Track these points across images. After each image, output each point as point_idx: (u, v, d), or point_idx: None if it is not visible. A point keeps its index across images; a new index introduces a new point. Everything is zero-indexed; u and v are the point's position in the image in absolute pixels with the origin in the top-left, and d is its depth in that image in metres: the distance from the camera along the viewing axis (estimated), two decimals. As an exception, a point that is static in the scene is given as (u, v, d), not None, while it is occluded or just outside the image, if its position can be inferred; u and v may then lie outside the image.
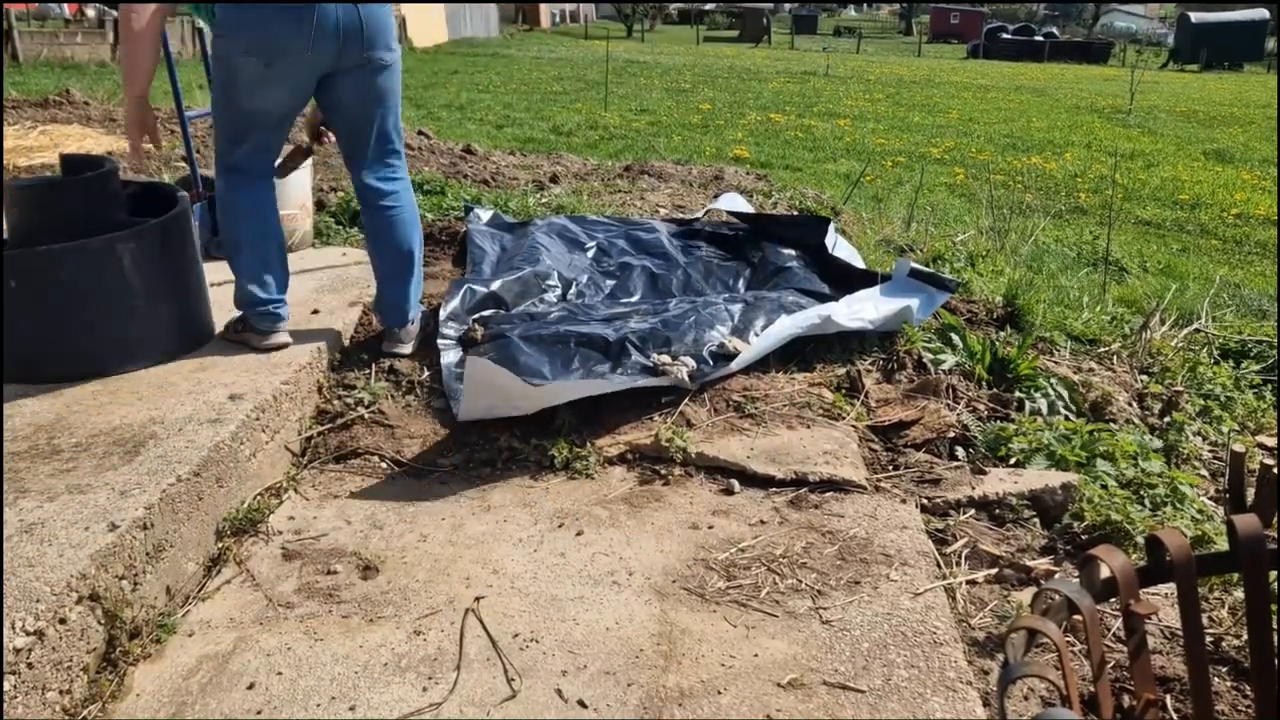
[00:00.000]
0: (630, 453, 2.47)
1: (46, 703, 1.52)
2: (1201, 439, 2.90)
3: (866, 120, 13.23)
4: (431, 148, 6.66)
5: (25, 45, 14.96)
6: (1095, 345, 3.51)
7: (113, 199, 2.55)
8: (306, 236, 3.81)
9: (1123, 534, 2.18)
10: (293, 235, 3.68)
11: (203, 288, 2.73)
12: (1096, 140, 12.38)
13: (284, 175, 3.08)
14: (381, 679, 1.67)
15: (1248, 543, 1.13)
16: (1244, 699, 1.72)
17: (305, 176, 3.73)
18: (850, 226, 5.04)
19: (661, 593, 1.92)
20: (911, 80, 21.59)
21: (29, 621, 1.49)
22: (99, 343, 2.41)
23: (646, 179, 6.09)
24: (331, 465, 2.45)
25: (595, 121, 10.92)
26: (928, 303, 3.24)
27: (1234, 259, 6.59)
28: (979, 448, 2.64)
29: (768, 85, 18.07)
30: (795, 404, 2.72)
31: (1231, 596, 2.02)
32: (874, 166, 8.90)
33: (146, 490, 1.86)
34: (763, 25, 43.29)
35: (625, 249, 3.86)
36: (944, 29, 50.87)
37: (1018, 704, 1.69)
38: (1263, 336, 3.80)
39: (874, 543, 2.10)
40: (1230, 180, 9.73)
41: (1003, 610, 1.93)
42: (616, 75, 16.85)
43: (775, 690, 1.64)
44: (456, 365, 2.79)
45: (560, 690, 1.64)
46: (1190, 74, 31.56)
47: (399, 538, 2.12)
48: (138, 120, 2.47)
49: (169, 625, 1.79)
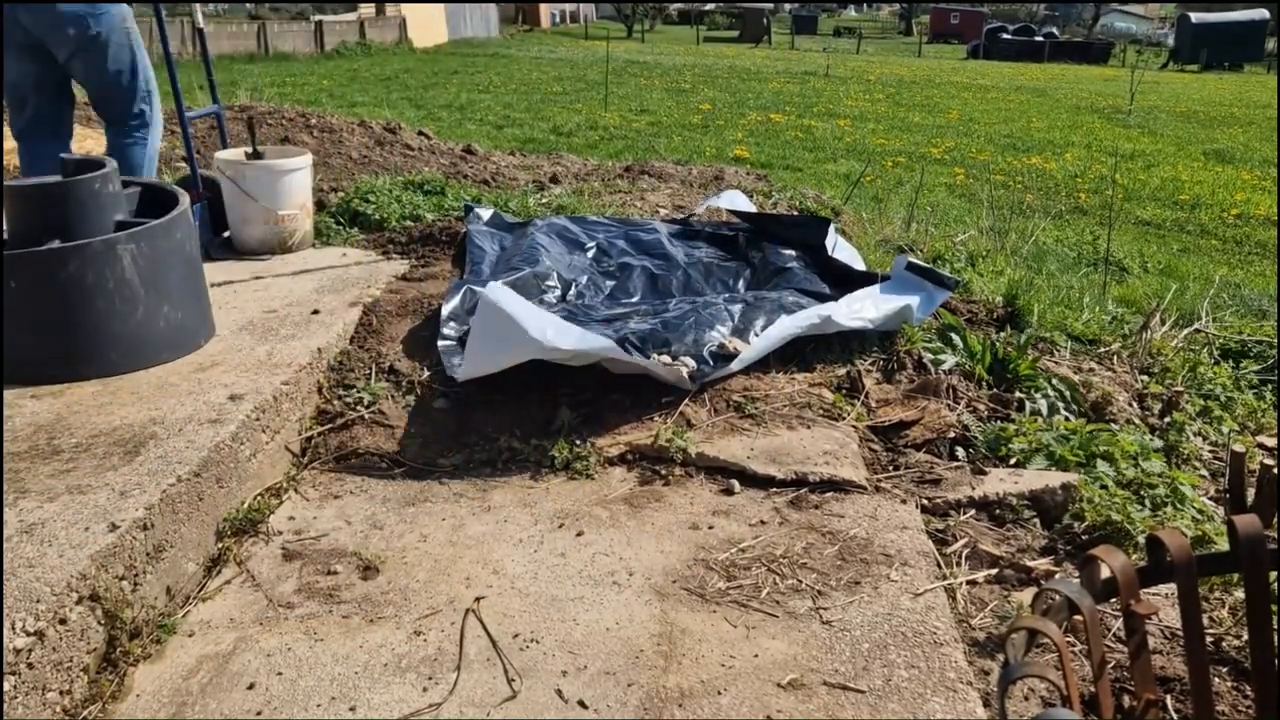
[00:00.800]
0: (630, 453, 2.47)
1: (47, 703, 1.52)
2: (1201, 439, 2.90)
3: (866, 120, 13.24)
4: (432, 148, 6.66)
5: (25, 46, 14.94)
6: (1095, 345, 3.51)
7: (113, 199, 2.55)
8: (307, 237, 3.79)
9: (1123, 534, 2.18)
10: (293, 235, 3.69)
11: (203, 288, 2.73)
12: (1096, 140, 12.39)
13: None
14: (381, 679, 1.67)
15: (1248, 543, 1.12)
16: (1244, 699, 1.72)
17: (305, 177, 3.74)
18: (850, 227, 5.04)
19: (662, 593, 1.92)
20: (911, 80, 21.59)
21: (29, 622, 1.49)
22: (99, 343, 2.41)
23: (646, 179, 6.09)
24: (331, 465, 2.45)
25: (595, 122, 10.92)
26: (928, 302, 3.23)
27: (1234, 259, 6.59)
28: (979, 448, 2.64)
29: (768, 85, 18.07)
30: (795, 404, 2.72)
31: (1232, 596, 2.02)
32: (874, 167, 8.90)
33: (147, 490, 1.86)
34: (763, 25, 43.29)
35: (625, 249, 3.86)
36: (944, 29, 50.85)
37: (1018, 704, 1.69)
38: (1263, 336, 3.80)
39: (874, 543, 2.10)
40: (1230, 180, 9.74)
41: (1003, 610, 1.93)
42: (616, 75, 16.86)
43: (775, 690, 1.64)
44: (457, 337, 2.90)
45: (560, 690, 1.64)
46: (1190, 74, 31.57)
47: (399, 538, 2.12)
48: None
49: (169, 625, 1.79)
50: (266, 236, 3.64)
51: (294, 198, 3.65)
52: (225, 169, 3.59)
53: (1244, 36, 35.24)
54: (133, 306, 2.44)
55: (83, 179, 2.50)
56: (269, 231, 3.63)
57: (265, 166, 3.63)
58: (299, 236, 3.73)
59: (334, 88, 13.97)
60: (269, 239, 3.64)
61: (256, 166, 3.62)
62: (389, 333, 3.02)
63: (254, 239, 3.65)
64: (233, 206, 3.63)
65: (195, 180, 3.66)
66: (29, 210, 2.46)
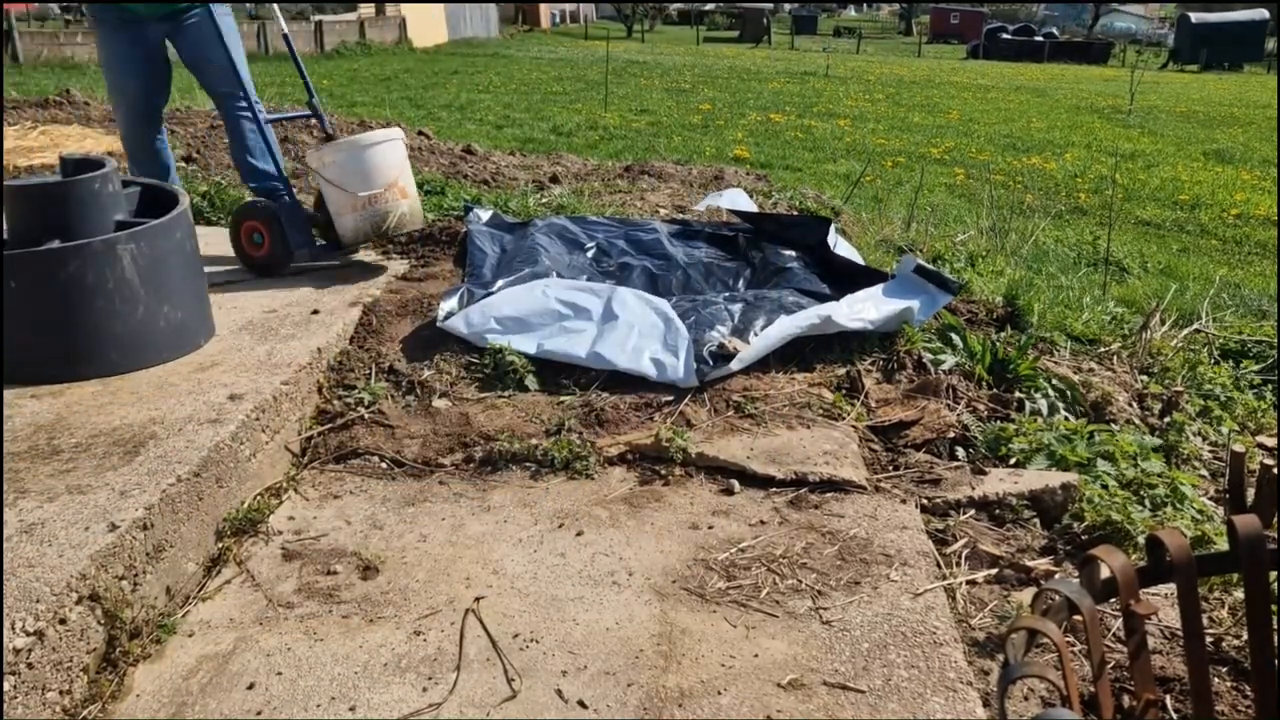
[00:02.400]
0: (630, 453, 2.47)
1: (46, 703, 1.52)
2: (1201, 439, 2.90)
3: (866, 120, 13.24)
4: (431, 148, 6.66)
5: (25, 45, 14.97)
6: (1095, 345, 3.51)
7: (113, 199, 2.55)
8: (405, 219, 3.41)
9: (1123, 534, 2.18)
10: (386, 219, 3.35)
11: (203, 288, 2.73)
12: (1096, 140, 12.39)
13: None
14: (381, 679, 1.67)
15: (1248, 543, 1.13)
16: (1244, 699, 1.72)
17: (391, 152, 3.36)
18: (850, 227, 5.04)
19: (661, 593, 1.92)
20: (911, 80, 21.59)
21: (29, 622, 1.49)
22: (99, 343, 2.41)
23: (646, 179, 6.09)
24: (331, 465, 2.45)
25: (595, 122, 10.92)
26: (929, 304, 3.23)
27: (1234, 259, 6.59)
28: (979, 448, 2.64)
29: (768, 85, 18.07)
30: (795, 404, 2.72)
31: (1231, 596, 2.02)
32: (874, 167, 8.90)
33: (146, 490, 1.86)
34: (763, 25, 43.26)
35: (625, 249, 3.86)
36: (944, 29, 50.84)
37: (1018, 704, 1.69)
38: (1262, 336, 3.80)
39: (874, 543, 2.10)
40: (1230, 180, 9.74)
41: (1003, 610, 1.93)
42: (616, 75, 16.86)
43: (775, 690, 1.64)
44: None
45: (560, 691, 1.64)
46: (1190, 74, 31.57)
47: (399, 538, 2.12)
48: None
49: (169, 625, 1.79)
50: (360, 224, 3.32)
51: (379, 175, 3.30)
52: (311, 163, 3.36)
53: (1244, 36, 35.24)
54: (132, 306, 2.44)
55: (83, 179, 2.50)
56: (360, 219, 3.31)
57: (339, 146, 3.30)
58: (395, 219, 3.35)
59: (334, 88, 13.96)
60: (362, 226, 3.32)
61: (331, 149, 3.29)
62: (389, 333, 3.02)
63: (349, 230, 3.34)
64: (329, 203, 3.37)
65: (281, 181, 3.55)
66: (29, 210, 2.46)
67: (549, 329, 2.95)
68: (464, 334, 2.94)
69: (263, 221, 3.37)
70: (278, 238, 3.36)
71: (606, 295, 3.08)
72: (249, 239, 3.41)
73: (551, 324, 2.97)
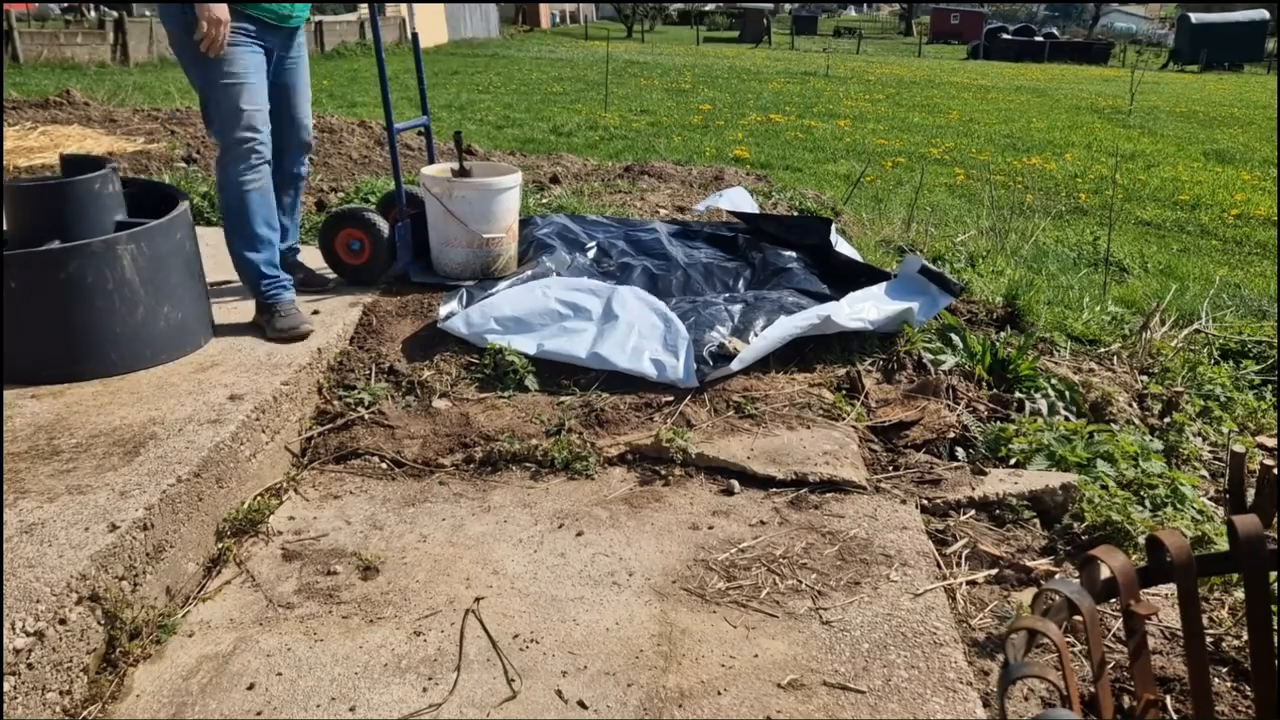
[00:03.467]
0: (630, 453, 2.47)
1: (46, 703, 1.52)
2: (1201, 439, 2.90)
3: (866, 121, 13.24)
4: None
5: (25, 46, 14.98)
6: (1095, 345, 3.51)
7: (113, 199, 2.55)
8: (511, 262, 3.45)
9: (1123, 534, 2.18)
10: (496, 261, 3.38)
11: (203, 288, 2.73)
12: (1097, 141, 12.38)
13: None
14: (381, 680, 1.67)
15: (1248, 543, 1.13)
16: (1244, 699, 1.72)
17: (515, 197, 3.40)
18: (850, 227, 5.04)
19: (661, 593, 1.92)
20: (911, 81, 21.59)
21: (29, 622, 1.49)
22: (99, 343, 2.41)
23: (646, 179, 6.09)
24: (331, 466, 2.45)
25: (595, 122, 10.92)
26: (929, 305, 3.23)
27: (1234, 259, 6.59)
28: (979, 448, 2.64)
29: (768, 86, 18.07)
30: (795, 404, 2.72)
31: (1231, 597, 2.02)
32: (874, 167, 8.90)
33: (146, 491, 1.86)
34: (763, 26, 43.26)
35: (625, 249, 3.86)
36: (944, 29, 50.83)
37: (1018, 704, 1.69)
38: (1262, 337, 3.80)
39: (874, 543, 2.10)
40: (1230, 181, 9.73)
41: (1003, 611, 1.93)
42: (616, 76, 16.86)
43: (775, 691, 1.64)
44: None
45: (560, 691, 1.64)
46: (1190, 74, 31.57)
47: (399, 538, 2.12)
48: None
49: (169, 626, 1.79)
50: (469, 260, 3.33)
51: (502, 220, 3.33)
52: (431, 186, 3.29)
53: (1244, 37, 35.23)
54: (132, 306, 2.44)
55: (83, 179, 2.50)
56: (472, 255, 3.32)
57: (474, 185, 3.28)
58: (503, 262, 3.40)
59: (334, 88, 13.96)
60: (472, 263, 3.33)
61: (464, 185, 3.27)
62: (389, 333, 3.02)
63: (455, 263, 3.34)
64: (435, 227, 3.35)
65: (400, 196, 3.36)
66: (29, 210, 2.46)
67: (549, 329, 2.95)
68: (464, 334, 2.94)
69: (367, 231, 3.25)
70: (383, 250, 3.26)
71: (606, 295, 3.08)
72: (345, 246, 3.29)
73: (551, 324, 2.97)
